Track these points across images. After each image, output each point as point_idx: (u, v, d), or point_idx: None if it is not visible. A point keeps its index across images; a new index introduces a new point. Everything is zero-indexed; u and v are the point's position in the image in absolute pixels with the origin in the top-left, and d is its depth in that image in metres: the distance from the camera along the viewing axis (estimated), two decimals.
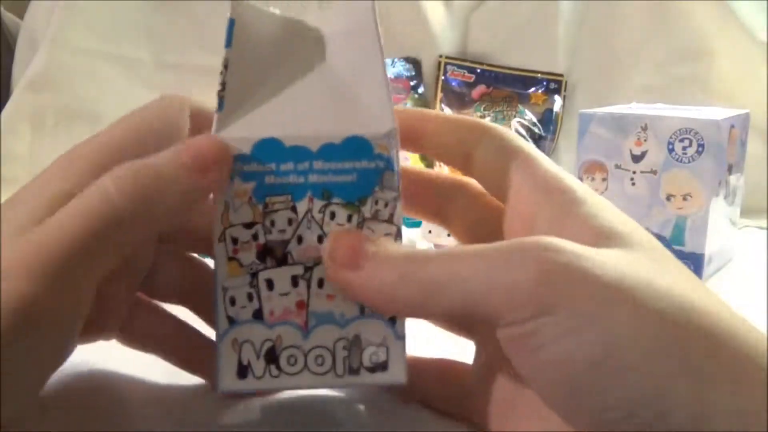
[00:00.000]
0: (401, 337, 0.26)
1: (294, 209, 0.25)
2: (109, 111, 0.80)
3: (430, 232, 0.62)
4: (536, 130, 0.96)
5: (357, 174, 0.26)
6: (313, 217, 0.25)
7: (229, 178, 0.25)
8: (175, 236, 0.29)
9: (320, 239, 0.25)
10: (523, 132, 0.94)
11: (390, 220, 0.26)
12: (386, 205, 0.26)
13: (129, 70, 0.84)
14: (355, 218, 0.26)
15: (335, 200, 0.26)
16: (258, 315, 0.25)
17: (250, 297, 0.25)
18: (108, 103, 0.81)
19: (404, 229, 0.65)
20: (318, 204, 0.25)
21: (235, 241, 0.25)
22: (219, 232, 0.25)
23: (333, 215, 0.26)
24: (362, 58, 0.26)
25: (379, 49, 0.26)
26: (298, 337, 0.25)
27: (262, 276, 0.25)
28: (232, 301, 0.25)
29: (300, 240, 0.25)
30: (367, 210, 0.26)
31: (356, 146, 0.25)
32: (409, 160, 1.00)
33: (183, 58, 0.83)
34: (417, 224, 0.67)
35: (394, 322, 0.26)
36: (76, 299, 0.22)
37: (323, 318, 0.25)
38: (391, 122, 0.25)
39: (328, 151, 0.25)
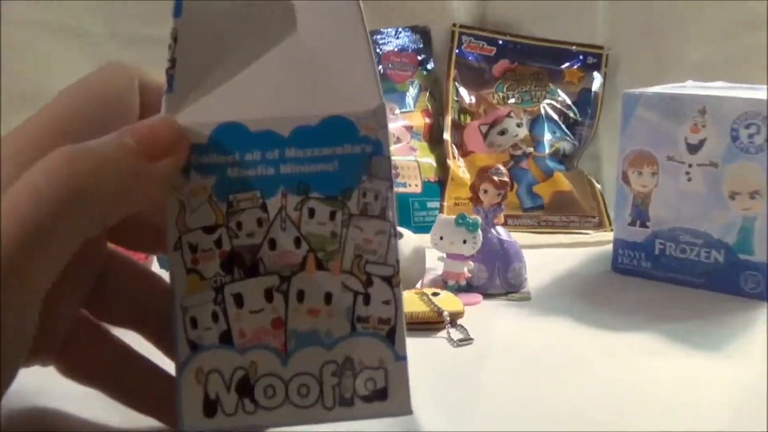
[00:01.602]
0: (402, 358, 0.26)
1: (264, 207, 0.25)
2: (59, 90, 0.83)
3: (441, 238, 0.62)
4: (571, 115, 0.95)
5: (339, 162, 0.25)
6: (287, 215, 0.25)
7: (184, 172, 0.25)
8: (126, 236, 0.29)
9: (298, 243, 0.25)
10: (555, 116, 0.94)
11: (382, 216, 0.26)
12: (376, 197, 0.26)
13: (80, 44, 0.84)
14: (339, 215, 0.26)
15: (314, 194, 0.25)
16: (226, 338, 0.25)
17: (215, 317, 0.25)
18: (57, 81, 0.81)
19: (411, 234, 0.65)
20: (293, 200, 0.25)
21: (194, 248, 0.25)
22: (174, 238, 0.25)
23: (312, 213, 0.25)
24: (340, 25, 0.25)
25: (359, 13, 0.25)
26: (276, 363, 0.25)
27: (229, 290, 0.25)
28: (194, 323, 0.25)
29: (273, 244, 0.25)
30: (353, 205, 0.25)
31: (337, 128, 0.25)
32: (416, 151, 1.00)
33: (141, 29, 0.83)
34: (425, 229, 0.66)
35: (393, 338, 0.26)
36: (18, 315, 0.22)
37: (306, 338, 0.25)
38: (377, 97, 0.25)
39: (303, 136, 0.25)
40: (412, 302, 0.54)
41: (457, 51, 0.97)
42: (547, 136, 0.93)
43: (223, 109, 0.25)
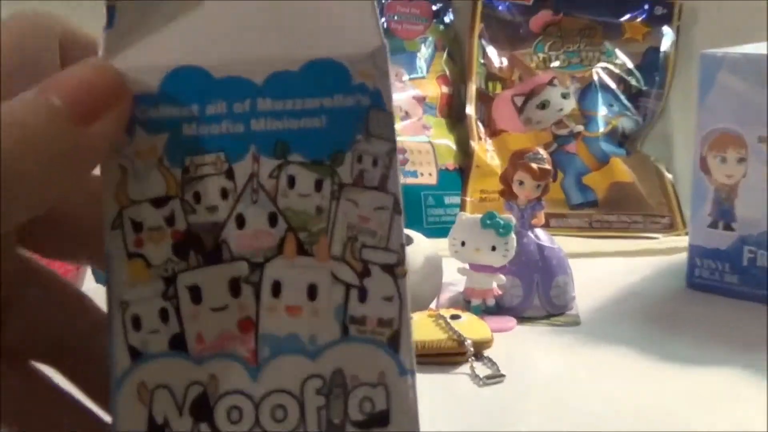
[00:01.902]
0: (408, 372, 0.26)
1: (230, 174, 0.26)
2: None
3: (463, 244, 0.62)
4: (632, 82, 0.95)
5: (327, 116, 0.26)
6: (260, 185, 0.26)
7: (128, 129, 0.25)
8: (43, 236, 0.29)
9: (273, 220, 0.26)
10: (612, 85, 0.94)
11: (383, 187, 0.26)
12: (375, 162, 0.26)
13: None
14: (327, 185, 0.26)
15: (295, 158, 0.26)
16: (178, 344, 0.26)
17: (164, 316, 0.26)
18: None
19: (423, 239, 0.65)
20: (268, 165, 0.26)
21: (138, 227, 0.26)
22: (112, 214, 0.26)
23: (292, 181, 0.26)
24: None
25: None
26: (244, 377, 0.26)
27: (184, 281, 0.26)
28: (137, 323, 0.25)
29: (241, 222, 0.26)
30: (345, 172, 0.26)
31: (324, 74, 0.26)
32: (430, 130, 1.00)
33: None
34: (441, 232, 0.66)
35: (396, 346, 0.26)
36: None
37: (283, 345, 0.26)
38: (377, 38, 0.26)
39: (281, 84, 0.26)
40: (424, 328, 0.55)
41: (484, 0, 0.98)
42: (602, 111, 0.93)
43: (178, 50, 0.26)
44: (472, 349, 0.53)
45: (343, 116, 0.26)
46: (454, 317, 0.57)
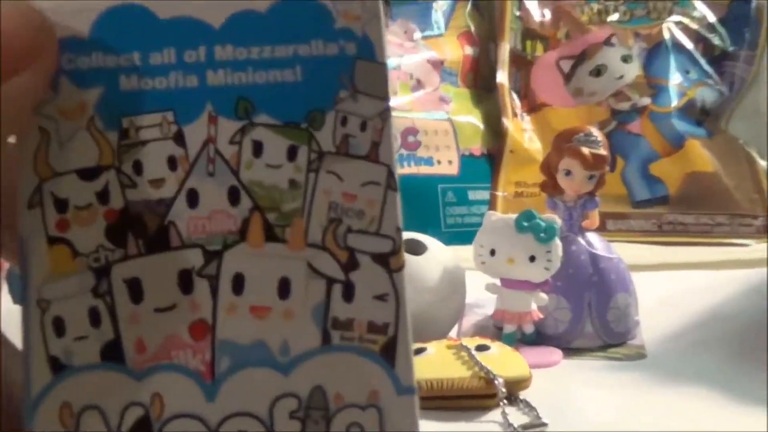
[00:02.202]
0: (408, 390, 0.27)
1: (180, 138, 0.26)
2: None
3: (493, 253, 0.62)
4: (715, 41, 0.96)
5: (303, 68, 0.27)
6: (218, 153, 0.27)
7: (51, 83, 0.26)
8: None
9: (235, 197, 0.27)
10: (689, 45, 0.94)
11: (373, 156, 0.27)
12: (363, 126, 0.27)
13: None
14: (303, 153, 0.27)
15: (261, 119, 0.27)
16: (113, 353, 0.26)
17: (95, 317, 0.26)
18: None
19: (440, 246, 0.65)
20: (228, 127, 0.27)
21: (62, 205, 0.26)
22: (30, 188, 0.26)
23: (259, 148, 0.27)
24: None
25: None
26: (198, 397, 0.26)
27: (120, 273, 0.26)
28: (59, 327, 0.26)
29: (194, 199, 0.27)
30: (326, 137, 0.27)
31: (299, 16, 0.27)
32: (450, 104, 1.00)
33: None
34: (464, 238, 0.67)
35: (392, 358, 0.27)
36: None
37: (247, 355, 0.26)
38: None
39: (245, 27, 0.26)
40: (443, 362, 0.55)
41: None
42: (675, 78, 0.93)
43: None
44: (504, 390, 0.54)
45: (322, 68, 0.27)
46: (481, 348, 0.57)
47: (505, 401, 0.54)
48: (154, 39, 0.26)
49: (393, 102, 0.29)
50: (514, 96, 0.94)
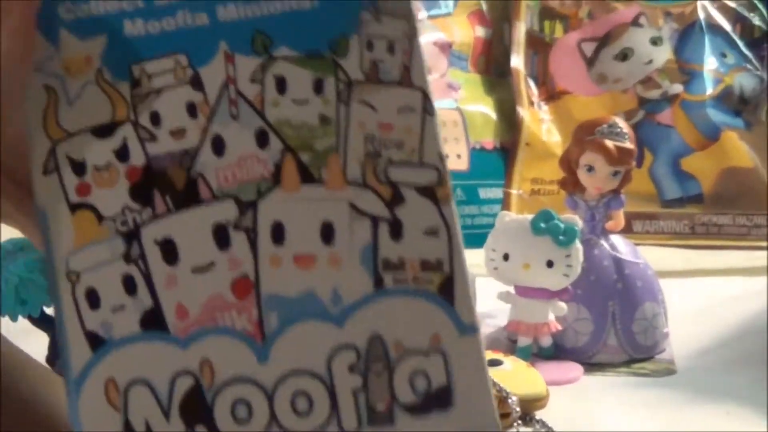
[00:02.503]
0: (470, 329, 0.27)
1: (197, 82, 0.27)
2: None
3: (506, 257, 0.62)
4: (755, 20, 0.95)
5: None
6: (240, 93, 0.27)
7: (47, 34, 0.26)
8: None
9: (263, 139, 0.27)
10: (726, 25, 0.94)
11: (405, 81, 0.27)
12: (391, 49, 0.27)
13: None
14: (330, 84, 0.27)
15: (281, 52, 0.27)
16: (154, 321, 0.27)
17: (130, 285, 0.27)
18: None
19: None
20: (247, 65, 0.27)
21: (79, 167, 0.27)
22: (43, 153, 0.27)
23: (282, 84, 0.27)
24: None
25: None
26: (249, 359, 0.26)
27: (151, 234, 0.27)
28: (93, 299, 0.26)
29: (220, 146, 0.27)
30: (352, 64, 0.27)
31: None
32: (459, 92, 1.00)
33: None
34: (475, 240, 0.67)
35: (450, 296, 0.27)
36: None
37: (296, 309, 0.27)
38: None
39: None
40: None
41: None
42: (710, 63, 0.93)
43: None
44: (518, 409, 0.54)
45: None
46: (494, 363, 0.57)
47: (519, 422, 0.54)
48: None
49: None
50: (531, 83, 0.95)
